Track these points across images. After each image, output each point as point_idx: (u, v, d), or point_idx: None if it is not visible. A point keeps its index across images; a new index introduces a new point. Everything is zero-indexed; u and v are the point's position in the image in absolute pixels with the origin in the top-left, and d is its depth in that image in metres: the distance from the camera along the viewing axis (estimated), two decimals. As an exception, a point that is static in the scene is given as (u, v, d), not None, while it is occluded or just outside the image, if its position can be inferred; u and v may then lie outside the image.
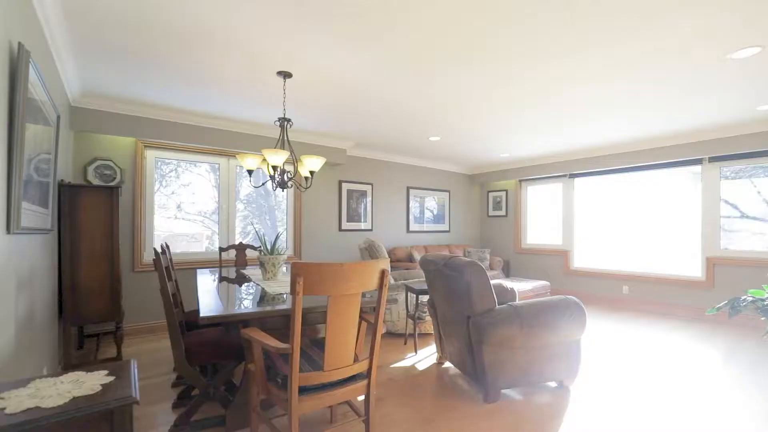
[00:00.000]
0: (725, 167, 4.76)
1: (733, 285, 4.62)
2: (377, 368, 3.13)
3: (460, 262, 2.58)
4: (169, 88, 3.28)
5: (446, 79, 3.09)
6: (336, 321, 1.60)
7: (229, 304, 1.98)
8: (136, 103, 3.67)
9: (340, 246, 5.61)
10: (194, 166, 4.47)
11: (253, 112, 3.91)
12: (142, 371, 3.05)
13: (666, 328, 4.39)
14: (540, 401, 2.54)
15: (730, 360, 3.33)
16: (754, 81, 3.10)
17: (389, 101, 3.62)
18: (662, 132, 4.69)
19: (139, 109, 3.76)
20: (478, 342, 2.49)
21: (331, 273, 1.52)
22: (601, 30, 2.34)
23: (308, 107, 3.79)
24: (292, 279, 1.48)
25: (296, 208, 5.17)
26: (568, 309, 2.60)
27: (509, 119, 4.18)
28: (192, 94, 3.42)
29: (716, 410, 2.41)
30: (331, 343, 1.61)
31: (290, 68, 2.89)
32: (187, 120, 4.03)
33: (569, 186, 6.36)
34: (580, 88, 3.28)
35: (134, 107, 3.73)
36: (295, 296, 1.48)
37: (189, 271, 4.37)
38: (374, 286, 1.67)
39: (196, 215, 4.53)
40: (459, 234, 7.48)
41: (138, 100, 3.59)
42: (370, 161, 6.01)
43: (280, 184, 2.90)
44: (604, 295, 5.83)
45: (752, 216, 4.58)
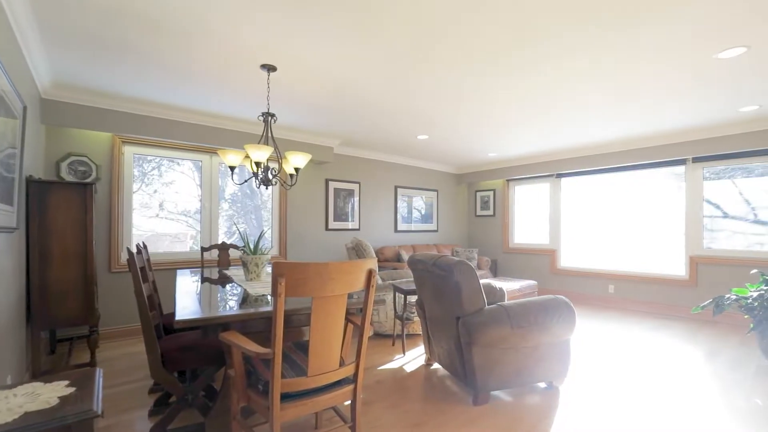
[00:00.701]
0: (708, 168, 4.83)
1: (716, 283, 4.69)
2: (364, 371, 3.05)
3: (449, 262, 2.53)
4: (148, 80, 3.15)
5: (436, 77, 3.03)
6: (320, 324, 1.52)
7: (207, 307, 1.87)
8: (113, 97, 3.51)
9: (327, 246, 5.51)
10: (177, 164, 4.33)
11: (236, 107, 3.79)
12: (119, 377, 2.91)
13: (651, 327, 4.43)
14: (530, 403, 2.50)
15: (715, 358, 3.36)
16: (738, 81, 3.13)
17: (377, 98, 3.55)
18: (647, 132, 4.74)
19: (116, 102, 3.60)
20: (467, 343, 2.43)
21: (315, 273, 1.43)
22: (588, 29, 2.32)
23: (294, 103, 3.69)
24: (273, 280, 1.39)
25: (281, 207, 5.05)
26: (558, 309, 2.57)
27: (498, 118, 4.15)
28: (172, 87, 3.28)
29: (701, 409, 2.41)
30: (316, 347, 1.53)
31: (274, 62, 2.79)
32: (167, 115, 3.88)
33: (556, 186, 6.40)
34: (568, 88, 3.26)
35: (111, 101, 3.56)
36: (276, 298, 1.39)
37: (172, 271, 4.22)
38: (361, 286, 1.60)
39: (179, 214, 4.39)
40: (447, 234, 7.45)
41: (115, 93, 3.43)
42: (358, 160, 5.93)
43: (264, 181, 2.80)
44: (590, 294, 5.87)
45: (733, 216, 4.66)
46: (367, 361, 3.28)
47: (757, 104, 3.70)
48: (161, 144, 4.11)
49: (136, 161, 4.07)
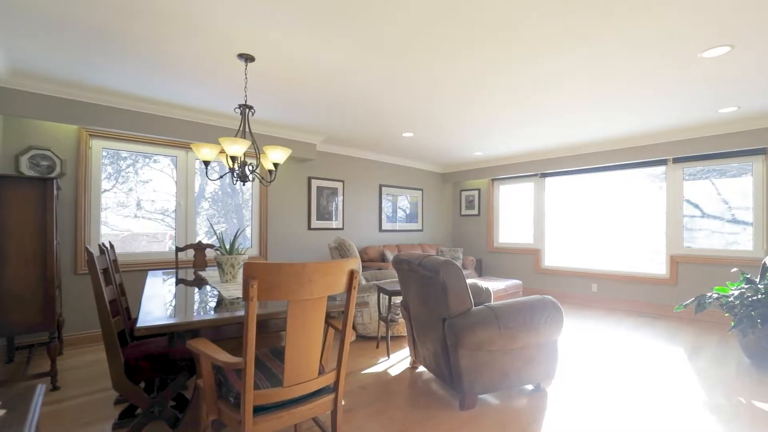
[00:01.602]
0: (687, 168, 4.90)
1: (695, 282, 4.75)
2: (347, 376, 2.93)
3: (435, 262, 2.43)
4: (117, 70, 2.95)
5: (421, 73, 2.93)
6: (297, 330, 1.40)
7: (175, 311, 1.73)
8: (79, 87, 3.28)
9: (310, 245, 5.36)
10: (155, 161, 4.13)
11: (212, 99, 3.61)
12: (83, 386, 2.71)
13: (634, 325, 4.45)
14: (518, 406, 2.43)
15: (698, 356, 3.37)
16: (721, 81, 3.14)
17: (361, 93, 3.43)
18: (630, 133, 4.77)
19: (83, 93, 3.37)
20: (454, 345, 2.35)
21: (292, 274, 1.31)
22: (574, 26, 2.26)
23: (274, 96, 3.54)
24: (244, 282, 1.26)
25: (262, 205, 4.88)
26: (546, 309, 2.51)
27: (483, 116, 4.09)
28: (143, 77, 3.09)
29: (686, 408, 2.39)
30: (292, 354, 1.41)
31: (252, 51, 2.64)
32: (138, 107, 3.67)
33: (540, 185, 6.41)
34: (554, 86, 3.21)
35: (76, 91, 3.34)
36: (248, 302, 1.27)
37: (154, 272, 4.01)
38: (342, 288, 1.48)
39: (157, 213, 4.20)
40: (432, 233, 7.39)
41: (81, 83, 3.21)
42: (342, 157, 5.79)
43: (241, 177, 2.65)
44: (573, 294, 5.89)
45: (712, 215, 4.74)
46: (350, 365, 3.16)
47: (736, 105, 3.75)
48: (132, 138, 3.89)
49: (111, 157, 3.85)
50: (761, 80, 3.12)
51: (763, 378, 2.90)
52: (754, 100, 3.58)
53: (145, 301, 1.94)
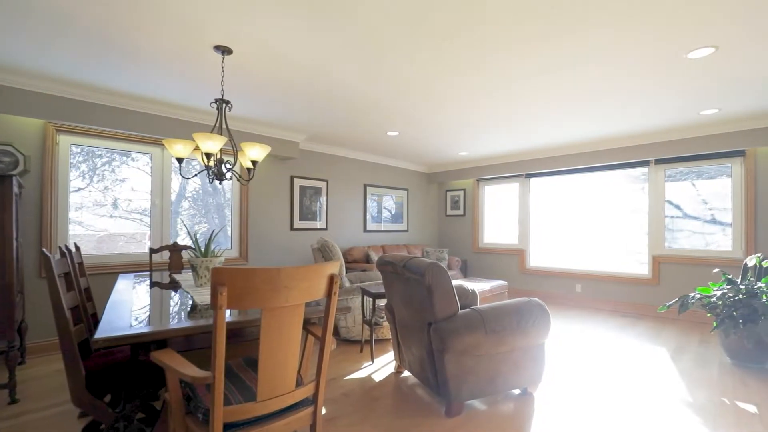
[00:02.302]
0: (669, 169, 4.96)
1: (677, 282, 4.81)
2: (329, 383, 2.83)
3: (420, 264, 2.35)
4: (85, 61, 2.77)
5: (406, 68, 2.85)
6: (272, 340, 1.29)
7: (141, 319, 1.60)
8: (43, 78, 3.09)
9: (293, 246, 5.22)
10: (132, 160, 3.96)
11: (187, 93, 3.45)
12: (46, 398, 2.53)
13: (618, 325, 4.47)
14: (505, 411, 2.38)
15: (681, 356, 3.39)
16: (705, 83, 3.15)
17: (344, 90, 3.33)
18: (613, 134, 4.79)
19: (47, 85, 3.17)
20: (439, 350, 2.27)
21: (265, 280, 1.21)
22: (558, 24, 2.21)
23: (253, 92, 3.41)
24: (212, 289, 1.15)
25: (242, 204, 4.72)
26: (533, 312, 2.46)
27: (469, 114, 4.04)
28: (113, 69, 2.92)
29: (671, 409, 2.37)
30: (267, 367, 1.30)
31: (230, 43, 2.51)
32: (109, 101, 3.48)
33: (525, 186, 6.42)
34: (538, 85, 3.18)
35: (40, 82, 3.14)
36: (216, 311, 1.16)
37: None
38: (321, 294, 1.39)
39: (135, 213, 4.03)
40: (417, 234, 7.33)
41: (45, 74, 3.02)
42: (325, 156, 5.67)
43: (217, 175, 2.52)
44: (558, 294, 5.91)
45: (692, 216, 4.80)
46: (333, 370, 3.06)
47: (717, 108, 3.79)
48: (103, 134, 3.69)
49: (85, 155, 3.65)
50: (742, 82, 3.14)
51: (745, 378, 2.92)
52: (735, 102, 3.62)
53: (110, 308, 1.80)
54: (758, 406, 2.47)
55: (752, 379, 2.89)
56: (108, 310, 1.77)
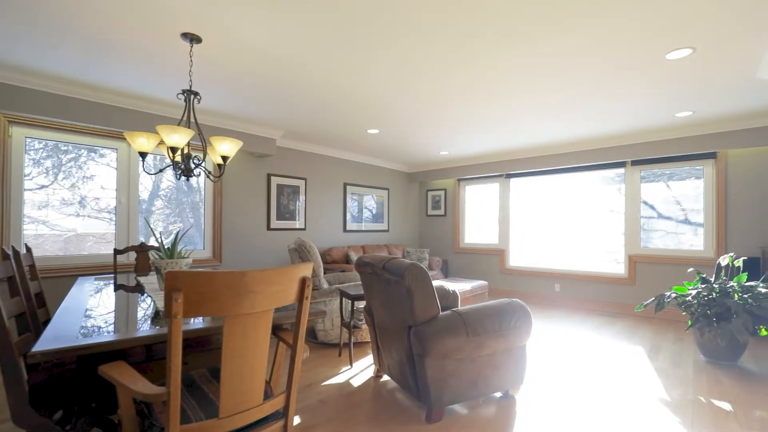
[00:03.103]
0: (644, 170, 5.05)
1: (652, 281, 4.90)
2: (305, 389, 2.70)
3: (400, 265, 2.26)
4: (39, 46, 2.56)
5: (387, 64, 2.76)
6: (236, 350, 1.17)
7: (92, 329, 1.44)
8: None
9: (269, 247, 5.05)
10: (101, 156, 3.75)
11: (153, 84, 3.25)
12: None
13: (596, 324, 4.51)
14: (487, 415, 2.31)
15: (657, 355, 3.43)
16: (682, 84, 3.18)
17: (323, 84, 3.21)
18: (591, 135, 4.84)
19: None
20: (420, 355, 2.19)
21: (228, 285, 1.09)
22: (539, 22, 2.17)
23: (226, 85, 3.24)
24: (166, 295, 1.03)
25: (216, 203, 4.53)
26: (515, 313, 2.41)
27: (450, 113, 3.98)
28: (70, 56, 2.71)
29: (650, 408, 2.37)
30: (231, 379, 1.18)
31: (199, 31, 2.36)
32: (66, 90, 3.23)
33: (505, 186, 6.44)
34: (519, 84, 3.14)
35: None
36: (171, 320, 1.03)
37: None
38: (292, 298, 1.27)
39: (105, 212, 3.82)
40: (398, 234, 7.26)
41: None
42: (304, 154, 5.52)
43: (185, 171, 2.36)
44: (538, 293, 5.95)
45: (667, 216, 4.91)
46: (310, 376, 2.93)
47: (691, 110, 3.87)
48: (63, 126, 3.44)
49: (49, 150, 3.41)
50: (716, 85, 3.20)
51: (719, 376, 2.96)
52: (708, 105, 3.70)
53: (58, 316, 1.63)
54: (732, 404, 2.49)
55: (725, 377, 2.94)
56: (56, 318, 1.60)
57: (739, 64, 2.82)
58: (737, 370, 3.07)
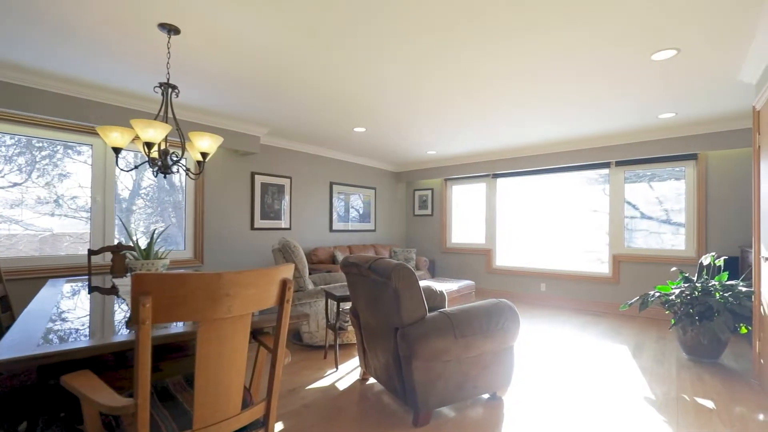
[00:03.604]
0: (628, 171, 5.11)
1: (635, 280, 4.97)
2: (289, 393, 2.63)
3: (386, 266, 2.21)
4: (8, 36, 2.41)
5: (374, 60, 2.70)
6: (211, 357, 1.10)
7: (57, 335, 1.34)
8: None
9: (253, 247, 4.94)
10: (78, 153, 3.61)
11: (129, 77, 3.12)
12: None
13: (581, 324, 4.54)
14: (474, 417, 2.28)
15: (641, 353, 3.46)
16: (666, 86, 3.21)
17: (307, 82, 3.13)
18: (577, 135, 4.88)
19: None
20: (407, 357, 2.14)
21: (201, 288, 1.02)
22: (523, 20, 2.15)
23: (207, 79, 3.14)
24: (133, 300, 0.95)
25: (197, 202, 4.39)
26: (503, 314, 2.38)
27: (437, 112, 3.95)
28: (38, 46, 2.57)
29: (636, 407, 2.37)
30: (206, 388, 1.11)
31: (177, 22, 2.26)
32: (33, 82, 3.06)
33: (492, 186, 6.45)
34: (506, 83, 3.13)
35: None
36: (139, 326, 0.95)
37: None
38: (272, 301, 1.21)
39: (82, 211, 3.67)
40: (385, 233, 7.21)
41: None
42: (289, 152, 5.41)
43: (162, 168, 2.26)
44: (524, 293, 5.98)
45: (649, 216, 4.98)
46: (294, 379, 2.85)
47: (674, 112, 3.92)
48: (33, 121, 3.28)
49: (23, 146, 3.26)
50: (699, 87, 3.24)
51: (701, 373, 3.00)
52: (690, 107, 3.75)
53: (20, 322, 1.52)
54: (715, 402, 2.52)
55: (707, 374, 2.98)
56: (17, 324, 1.49)
57: (721, 66, 2.86)
58: (718, 368, 3.11)
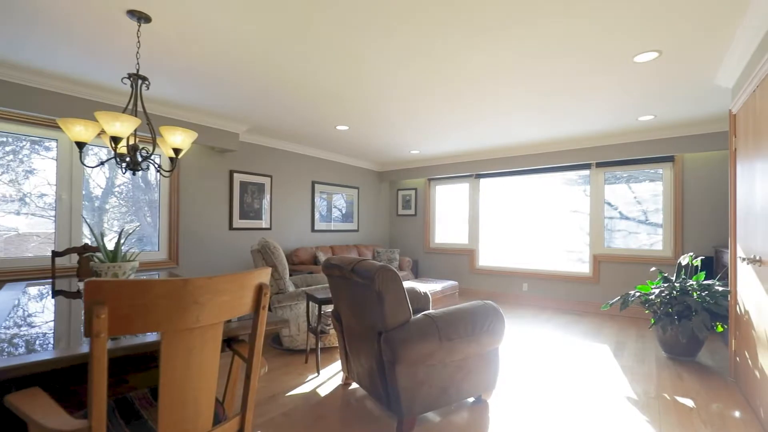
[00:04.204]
0: (608, 172, 5.19)
1: (615, 280, 5.05)
2: (268, 401, 2.52)
3: (370, 268, 2.13)
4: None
5: (358, 55, 2.62)
6: (177, 371, 1.00)
7: (12, 344, 1.21)
8: None
9: (232, 247, 4.78)
10: (45, 149, 3.40)
11: (95, 68, 2.94)
12: None
13: (563, 323, 4.58)
14: (460, 422, 2.23)
15: (622, 353, 3.49)
16: (645, 88, 3.25)
17: (290, 76, 3.02)
18: (558, 136, 4.92)
19: None
20: (391, 362, 2.07)
21: (166, 295, 0.92)
22: (505, 18, 2.11)
23: (181, 72, 2.99)
24: (86, 310, 0.84)
25: (172, 200, 4.21)
26: (488, 316, 2.34)
27: (421, 111, 3.90)
28: None
29: (618, 406, 2.38)
30: (171, 405, 1.00)
31: (148, 9, 2.12)
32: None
33: (475, 186, 6.46)
34: (489, 82, 3.10)
35: None
36: (93, 339, 0.85)
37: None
38: (246, 308, 1.11)
39: (51, 210, 3.45)
40: (368, 234, 7.13)
41: None
42: (269, 150, 5.27)
43: (131, 165, 2.12)
44: (506, 293, 6.00)
45: (628, 217, 5.07)
46: (273, 386, 2.75)
47: (653, 114, 3.99)
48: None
49: None
50: (678, 90, 3.29)
51: (680, 371, 3.04)
52: (668, 109, 3.82)
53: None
54: (694, 400, 2.55)
55: (686, 372, 3.02)
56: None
57: (699, 70, 2.90)
58: (696, 366, 3.17)
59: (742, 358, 2.63)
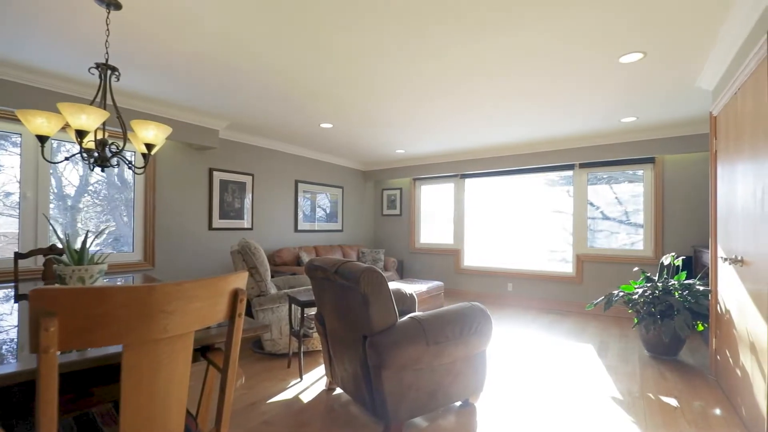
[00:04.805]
0: (591, 173, 5.25)
1: (597, 280, 5.10)
2: (248, 408, 2.41)
3: (354, 269, 2.06)
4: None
5: (340, 53, 2.54)
6: (143, 386, 0.90)
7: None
8: None
9: (212, 248, 4.62)
10: (13, 144, 3.20)
11: (61, 58, 2.77)
12: None
13: (547, 323, 4.59)
14: (447, 427, 2.18)
15: (606, 352, 3.51)
16: (628, 89, 3.27)
17: (269, 69, 2.91)
18: (542, 137, 4.94)
19: None
20: (376, 367, 2.00)
21: (127, 304, 0.82)
22: (490, 17, 2.07)
23: (155, 64, 2.84)
24: (31, 322, 0.74)
25: (147, 199, 4.03)
26: (475, 318, 2.29)
27: (406, 110, 3.84)
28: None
29: (604, 406, 2.37)
30: (134, 421, 0.91)
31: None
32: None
33: (460, 186, 6.45)
34: (474, 82, 3.06)
35: None
36: (40, 356, 0.75)
37: None
38: (221, 316, 1.03)
39: (18, 209, 3.25)
40: (353, 234, 7.03)
41: None
42: (251, 148, 5.12)
43: (99, 161, 1.98)
44: (491, 293, 6.01)
45: (610, 217, 5.13)
46: (254, 393, 2.64)
47: (635, 116, 4.03)
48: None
49: None
50: (661, 92, 3.32)
51: (662, 370, 3.07)
52: (650, 111, 3.86)
53: None
54: (678, 399, 2.57)
55: (668, 371, 3.05)
56: None
57: (681, 72, 2.93)
58: (678, 364, 3.21)
59: (723, 356, 2.66)
